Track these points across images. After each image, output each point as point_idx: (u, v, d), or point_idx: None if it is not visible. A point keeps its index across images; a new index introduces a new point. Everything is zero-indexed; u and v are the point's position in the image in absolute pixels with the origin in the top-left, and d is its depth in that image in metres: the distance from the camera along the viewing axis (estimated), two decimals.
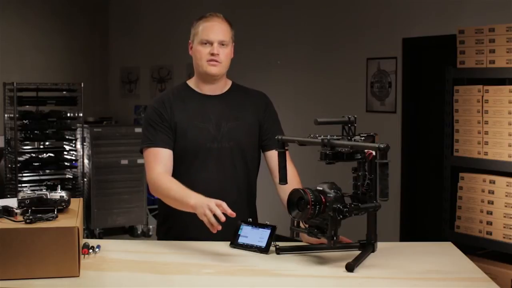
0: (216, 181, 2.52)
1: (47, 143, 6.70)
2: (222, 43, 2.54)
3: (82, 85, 6.54)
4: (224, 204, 2.20)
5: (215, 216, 2.18)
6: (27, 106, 6.50)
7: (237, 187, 2.60)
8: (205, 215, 2.19)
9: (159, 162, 2.51)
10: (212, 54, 2.52)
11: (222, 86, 2.65)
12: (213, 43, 2.53)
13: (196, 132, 2.55)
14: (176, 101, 2.59)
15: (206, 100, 2.61)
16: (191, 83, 2.66)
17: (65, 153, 6.72)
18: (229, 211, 2.19)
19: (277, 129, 2.66)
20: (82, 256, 2.11)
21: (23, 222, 2.01)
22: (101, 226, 6.58)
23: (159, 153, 2.52)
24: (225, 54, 2.55)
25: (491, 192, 3.70)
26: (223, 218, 2.18)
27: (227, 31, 2.57)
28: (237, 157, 2.59)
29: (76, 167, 6.62)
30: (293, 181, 2.52)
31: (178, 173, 2.54)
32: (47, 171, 6.62)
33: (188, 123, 2.56)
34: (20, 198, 2.12)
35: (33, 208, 2.10)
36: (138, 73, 8.61)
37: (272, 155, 2.60)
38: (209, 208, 2.19)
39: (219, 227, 2.18)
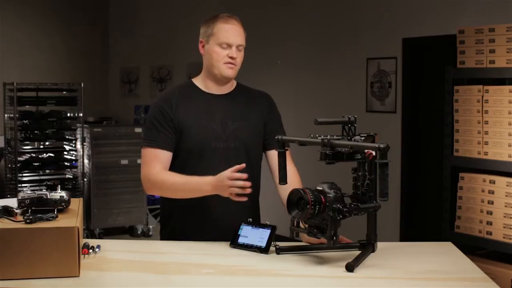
0: None
1: (47, 143, 6.69)
2: (239, 47, 2.56)
3: (82, 85, 6.54)
4: (235, 175, 2.31)
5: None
6: (27, 106, 6.49)
7: None
8: (230, 194, 2.33)
9: (158, 162, 2.52)
10: (231, 57, 2.53)
11: (229, 86, 2.65)
12: (232, 46, 2.54)
13: (201, 131, 2.55)
14: (182, 99, 2.58)
15: (212, 99, 2.61)
16: (197, 81, 2.65)
17: (65, 153, 6.72)
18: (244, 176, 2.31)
19: (280, 130, 2.67)
20: (82, 256, 2.11)
21: (23, 222, 2.01)
22: (101, 226, 6.57)
23: (159, 154, 2.53)
24: (241, 57, 2.58)
25: (491, 192, 3.70)
26: (248, 190, 2.31)
27: (243, 35, 2.59)
28: (242, 156, 2.58)
29: (76, 167, 6.61)
30: (294, 181, 2.52)
31: (184, 172, 2.52)
32: (47, 171, 6.61)
33: (193, 121, 2.55)
34: (20, 198, 2.12)
35: (33, 208, 2.09)
36: (138, 73, 8.61)
37: (274, 155, 2.60)
38: (229, 186, 2.30)
39: (248, 190, 2.31)
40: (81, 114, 6.56)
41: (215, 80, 2.60)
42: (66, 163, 6.66)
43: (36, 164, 6.47)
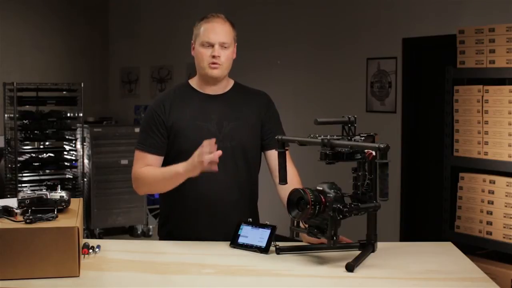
0: (218, 180, 2.51)
1: (47, 143, 6.70)
2: (223, 45, 2.52)
3: (82, 85, 6.54)
4: (204, 148, 2.31)
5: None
6: (27, 106, 6.50)
7: (239, 186, 2.60)
8: (202, 168, 2.32)
9: (144, 164, 2.56)
10: (213, 57, 2.51)
11: (224, 86, 2.64)
12: (214, 45, 2.51)
13: (197, 132, 2.54)
14: (177, 101, 2.59)
15: (208, 99, 2.60)
16: (193, 82, 2.65)
17: (65, 153, 6.72)
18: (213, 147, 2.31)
19: (278, 129, 2.65)
20: (82, 256, 2.11)
21: (23, 222, 2.01)
22: (101, 226, 6.58)
23: (146, 157, 2.57)
24: (226, 56, 2.54)
25: (491, 192, 3.70)
26: (218, 154, 2.31)
27: (229, 32, 2.56)
28: (238, 156, 2.58)
29: (76, 167, 6.61)
30: (294, 181, 2.52)
31: None
32: (47, 171, 6.61)
33: (188, 122, 2.56)
34: (20, 198, 2.12)
35: (33, 208, 2.10)
36: (138, 73, 8.61)
37: (273, 155, 2.59)
38: (199, 160, 2.31)
39: (215, 164, 2.31)
40: (81, 114, 6.56)
41: (205, 81, 2.60)
42: (66, 163, 6.66)
43: (36, 164, 6.47)
